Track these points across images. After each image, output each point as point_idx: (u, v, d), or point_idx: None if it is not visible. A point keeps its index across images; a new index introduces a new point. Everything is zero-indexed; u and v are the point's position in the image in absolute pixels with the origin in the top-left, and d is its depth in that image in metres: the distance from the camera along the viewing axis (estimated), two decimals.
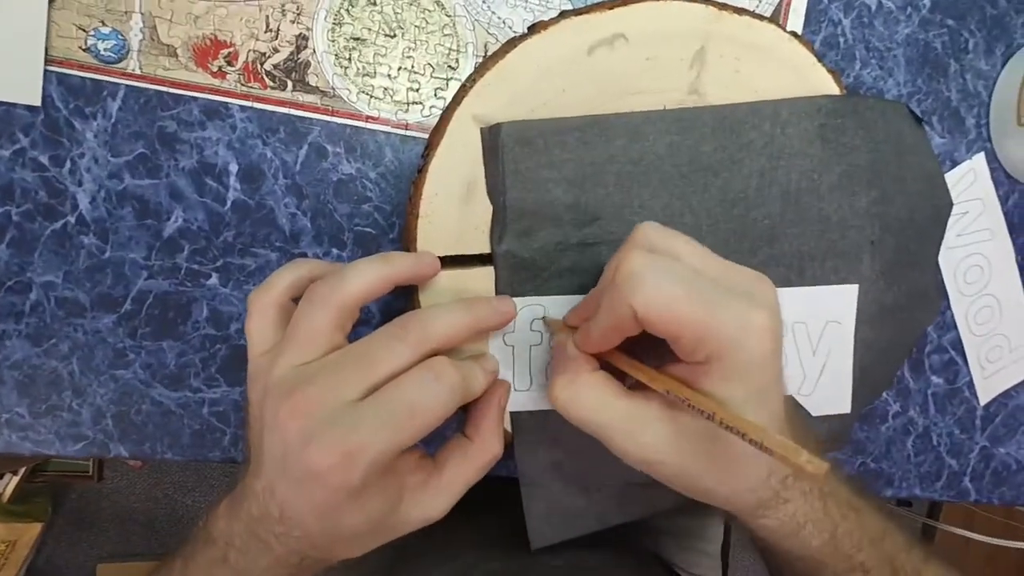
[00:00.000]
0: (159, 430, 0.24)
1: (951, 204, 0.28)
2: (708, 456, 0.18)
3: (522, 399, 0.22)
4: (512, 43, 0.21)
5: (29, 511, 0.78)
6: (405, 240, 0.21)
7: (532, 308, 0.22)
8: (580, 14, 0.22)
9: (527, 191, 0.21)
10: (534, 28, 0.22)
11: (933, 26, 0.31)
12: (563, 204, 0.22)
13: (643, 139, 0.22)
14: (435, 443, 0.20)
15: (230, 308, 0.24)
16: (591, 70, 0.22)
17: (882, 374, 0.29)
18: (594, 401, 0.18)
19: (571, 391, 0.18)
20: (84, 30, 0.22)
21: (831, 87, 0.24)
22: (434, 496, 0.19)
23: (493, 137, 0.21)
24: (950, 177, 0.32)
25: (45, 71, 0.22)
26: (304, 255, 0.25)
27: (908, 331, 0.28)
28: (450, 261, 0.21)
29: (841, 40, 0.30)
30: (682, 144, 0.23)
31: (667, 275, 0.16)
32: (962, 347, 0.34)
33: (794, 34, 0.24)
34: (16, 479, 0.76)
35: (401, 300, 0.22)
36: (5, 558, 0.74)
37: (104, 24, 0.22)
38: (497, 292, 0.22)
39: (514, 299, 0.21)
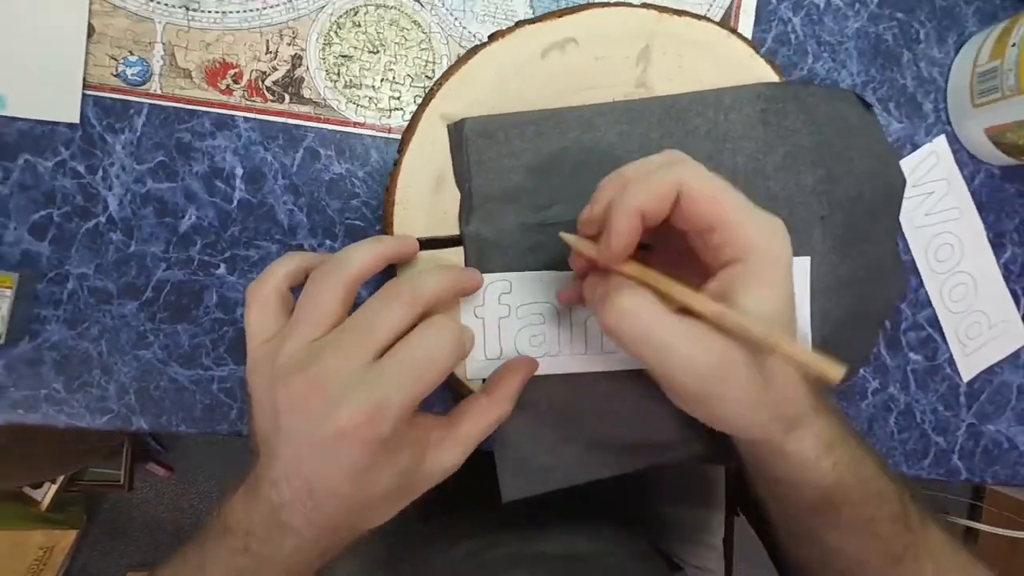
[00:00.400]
0: (174, 404, 0.27)
1: (904, 182, 0.29)
2: (754, 372, 0.18)
3: (492, 367, 0.25)
4: (474, 50, 0.24)
5: (66, 519, 0.82)
6: (384, 225, 0.24)
7: (499, 283, 0.24)
8: (534, 23, 0.24)
9: (490, 178, 0.24)
10: (493, 36, 0.25)
11: (883, 20, 0.33)
12: (523, 189, 0.24)
13: (595, 129, 0.25)
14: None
15: (236, 295, 0.27)
16: (545, 71, 0.24)
17: (852, 349, 0.30)
18: (655, 320, 0.18)
19: (631, 309, 0.18)
20: (115, 59, 0.26)
21: (771, 77, 0.26)
22: (452, 448, 0.21)
23: (458, 132, 0.24)
24: (911, 159, 0.34)
25: (83, 94, 0.26)
26: (301, 246, 0.28)
27: (871, 304, 0.29)
28: (424, 243, 0.24)
29: (792, 37, 0.32)
30: (632, 132, 0.25)
31: (709, 173, 0.18)
32: (939, 324, 0.34)
33: (732, 30, 0.26)
34: (54, 488, 0.81)
35: (386, 277, 0.25)
36: (43, 563, 0.78)
37: (132, 53, 0.26)
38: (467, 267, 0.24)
39: (482, 275, 0.24)
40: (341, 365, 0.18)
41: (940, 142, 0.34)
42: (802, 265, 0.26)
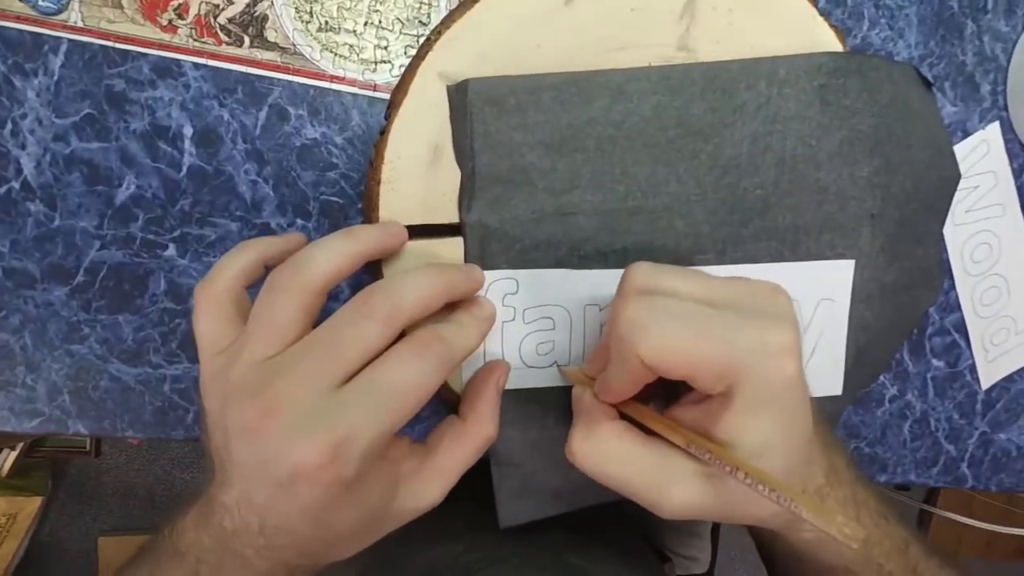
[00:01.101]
0: (119, 407, 0.23)
1: (959, 176, 0.26)
2: (737, 492, 0.16)
3: None
4: None
5: (28, 485, 0.79)
6: (366, 209, 0.20)
7: (503, 282, 0.21)
8: None
9: (498, 156, 0.20)
10: None
11: None
12: (537, 170, 0.20)
13: (626, 99, 0.20)
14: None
15: (189, 281, 0.23)
16: (570, 22, 0.20)
17: (879, 356, 0.28)
18: (615, 454, 0.17)
19: (590, 444, 0.17)
20: None
21: (833, 44, 0.22)
22: (429, 482, 0.18)
23: (460, 96, 0.19)
24: (961, 148, 0.30)
25: None
26: (267, 225, 0.23)
27: (908, 311, 0.27)
28: (417, 231, 0.20)
29: None
30: (669, 105, 0.21)
31: (669, 317, 0.16)
32: (965, 329, 0.32)
33: None
34: (14, 454, 0.77)
35: (369, 272, 0.21)
36: (7, 531, 0.75)
37: None
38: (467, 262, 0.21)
39: (485, 272, 0.20)
40: (299, 392, 0.16)
41: (993, 129, 0.30)
42: (845, 270, 0.23)
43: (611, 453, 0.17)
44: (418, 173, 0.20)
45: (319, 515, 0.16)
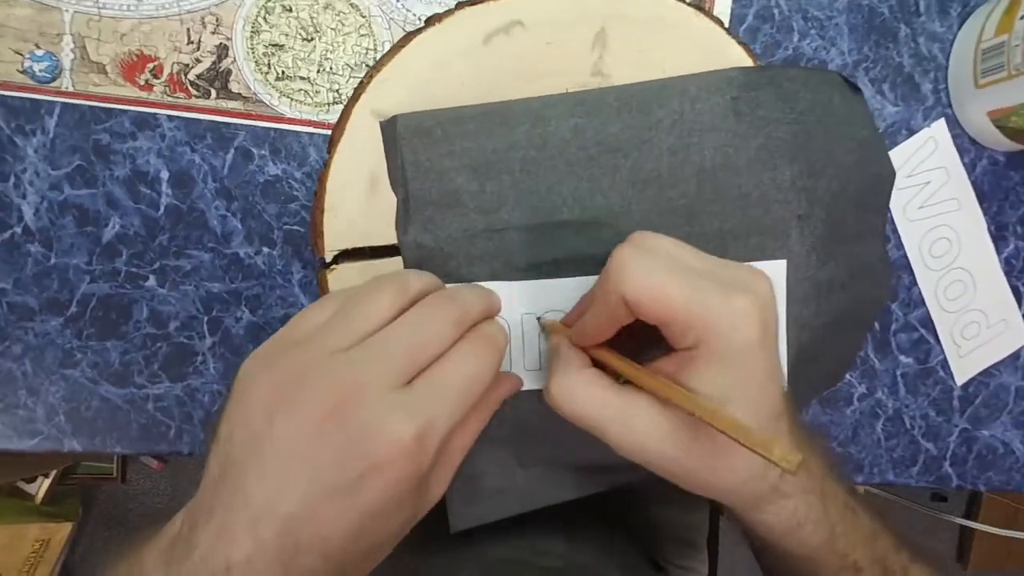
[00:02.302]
0: (108, 425, 0.26)
1: (893, 173, 0.27)
2: (702, 447, 0.17)
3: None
4: (408, 37, 0.22)
5: (60, 512, 0.83)
6: (313, 235, 0.22)
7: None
8: (475, 3, 0.22)
9: (429, 181, 0.22)
10: (430, 21, 0.22)
11: None
12: (467, 192, 0.22)
13: (546, 123, 0.22)
14: None
15: (168, 307, 0.26)
16: (489, 59, 0.22)
17: (832, 354, 0.28)
18: (588, 396, 0.18)
19: (565, 388, 0.18)
20: (20, 54, 0.24)
21: (745, 61, 0.23)
22: (446, 468, 0.19)
23: (391, 129, 0.22)
24: (907, 146, 0.31)
25: None
26: (236, 255, 0.26)
27: (854, 308, 0.27)
28: (359, 253, 0.22)
29: (776, 11, 0.29)
30: (587, 126, 0.22)
31: (654, 263, 0.17)
32: (933, 324, 0.32)
33: (700, 8, 0.23)
34: (48, 482, 0.81)
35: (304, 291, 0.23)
36: (40, 556, 0.79)
37: (38, 47, 0.24)
38: None
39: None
40: (381, 383, 0.16)
41: (939, 127, 0.31)
42: (777, 270, 0.24)
43: (584, 394, 0.18)
44: (357, 200, 0.22)
45: (370, 522, 0.16)
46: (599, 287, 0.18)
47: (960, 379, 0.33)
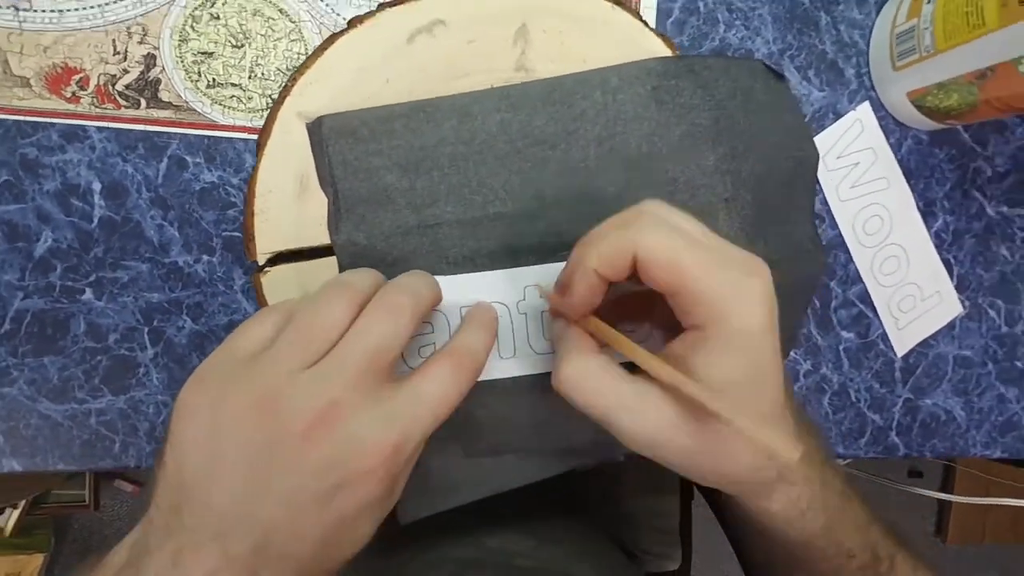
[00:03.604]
0: (49, 442, 0.25)
1: (817, 155, 0.28)
2: (709, 437, 0.17)
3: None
4: (331, 40, 0.22)
5: (31, 543, 0.81)
6: (245, 239, 0.22)
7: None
8: (397, 4, 0.22)
9: (358, 180, 0.22)
10: (352, 23, 0.22)
11: None
12: (397, 189, 0.22)
13: (472, 119, 0.23)
14: None
15: (106, 320, 0.25)
16: (413, 58, 0.22)
17: None
18: (599, 385, 0.18)
19: (576, 375, 0.18)
20: None
21: (662, 50, 0.24)
22: (410, 465, 0.19)
23: (317, 131, 0.22)
24: (834, 129, 0.32)
25: None
26: (175, 264, 0.26)
27: (790, 287, 0.28)
28: (292, 255, 0.22)
29: (701, 4, 0.30)
30: (513, 120, 0.23)
31: (673, 230, 0.17)
32: (871, 299, 0.33)
33: (618, 2, 0.24)
34: (17, 513, 0.79)
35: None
36: None
37: None
38: None
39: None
40: (354, 399, 0.16)
41: (864, 109, 0.32)
42: None
43: (594, 381, 0.17)
44: (287, 203, 0.22)
45: (341, 530, 0.16)
46: (611, 232, 0.17)
47: (900, 351, 0.34)
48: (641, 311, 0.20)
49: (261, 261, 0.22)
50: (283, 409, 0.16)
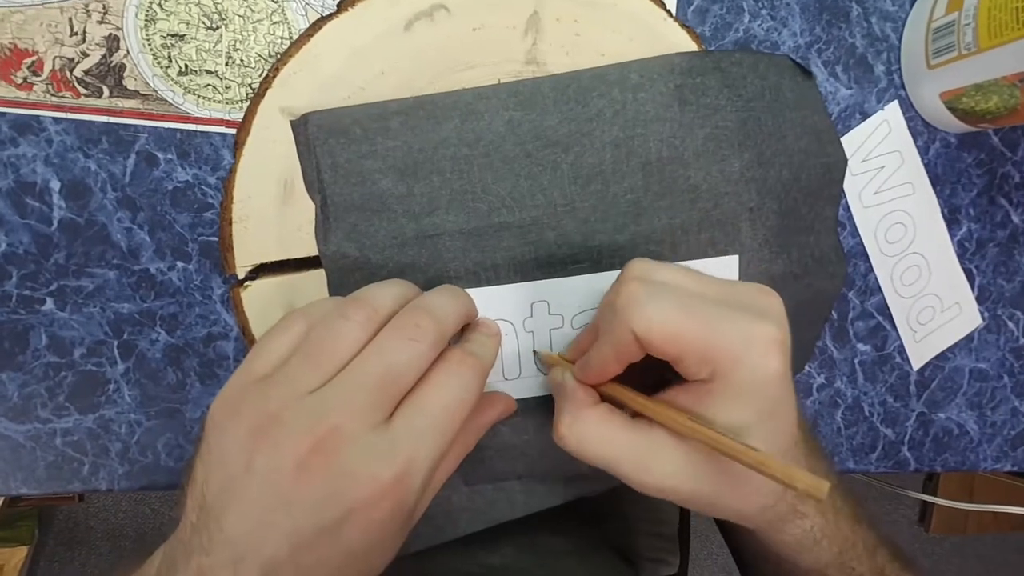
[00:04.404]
0: (9, 465, 0.23)
1: (845, 160, 0.26)
2: (721, 477, 0.17)
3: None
4: (318, 24, 0.20)
5: (14, 536, 0.79)
6: (222, 248, 0.20)
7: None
8: None
9: (350, 185, 0.20)
10: (342, 5, 0.20)
11: None
12: (394, 195, 0.20)
13: (478, 118, 0.20)
14: None
15: (71, 333, 0.23)
16: (411, 47, 0.20)
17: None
18: (601, 436, 0.17)
19: (577, 429, 0.18)
20: None
21: (687, 44, 0.22)
22: (428, 494, 0.18)
23: (302, 130, 0.19)
24: (861, 130, 0.30)
25: None
26: (147, 271, 0.23)
27: (811, 301, 0.26)
28: (278, 267, 0.20)
29: None
30: (523, 120, 0.21)
31: (665, 297, 0.16)
32: (889, 311, 0.32)
33: None
34: None
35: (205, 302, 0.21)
36: None
37: None
38: (331, 295, 0.20)
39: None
40: (356, 426, 0.15)
41: (893, 109, 0.30)
42: (730, 265, 0.23)
43: (597, 434, 0.17)
44: (270, 210, 0.20)
45: (352, 560, 0.16)
46: (606, 322, 0.17)
47: (916, 364, 0.32)
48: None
49: (241, 274, 0.20)
50: (281, 437, 0.15)
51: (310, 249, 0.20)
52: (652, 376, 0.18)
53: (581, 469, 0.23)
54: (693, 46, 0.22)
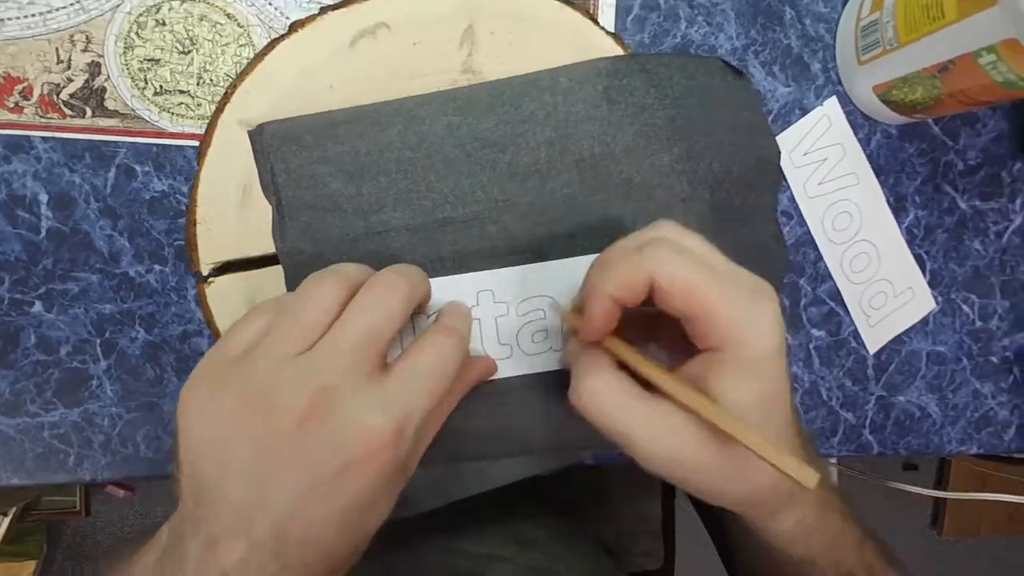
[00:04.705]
0: (0, 457, 0.25)
1: (778, 152, 0.27)
2: (724, 459, 0.17)
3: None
4: (271, 45, 0.22)
5: (23, 550, 0.81)
6: (188, 248, 0.22)
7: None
8: (338, 8, 0.22)
9: (302, 187, 0.22)
10: (293, 27, 0.22)
11: None
12: (343, 196, 0.22)
13: (419, 123, 0.22)
14: None
15: (57, 333, 0.25)
16: (356, 62, 0.22)
17: None
18: (616, 402, 0.18)
19: (594, 391, 0.18)
20: None
21: (614, 50, 0.24)
22: (419, 449, 0.19)
23: (258, 139, 0.21)
24: (801, 125, 0.32)
25: None
26: (126, 274, 0.25)
27: None
28: (239, 264, 0.22)
29: (662, 0, 0.29)
30: (461, 123, 0.23)
31: (690, 255, 0.17)
32: (841, 297, 0.33)
33: (567, 1, 0.24)
34: (8, 520, 0.79)
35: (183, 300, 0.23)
36: None
37: None
38: (288, 290, 0.22)
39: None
40: (350, 383, 0.16)
41: (832, 104, 0.32)
42: None
43: (614, 400, 0.17)
44: (230, 212, 0.22)
45: (357, 512, 0.16)
46: (606, 270, 0.17)
47: (872, 348, 0.33)
48: (647, 330, 0.20)
49: (205, 271, 0.22)
50: (275, 400, 0.16)
51: (269, 247, 0.22)
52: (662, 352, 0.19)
53: (533, 447, 0.25)
54: (619, 51, 0.24)
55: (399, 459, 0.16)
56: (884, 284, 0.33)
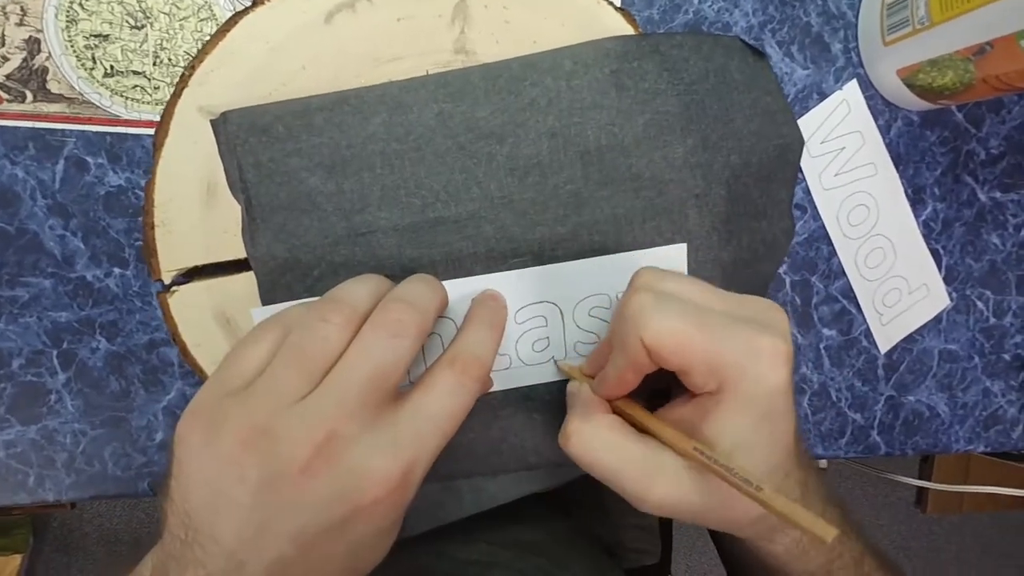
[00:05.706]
0: None
1: (801, 141, 0.25)
2: (720, 492, 0.17)
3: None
4: (234, 19, 0.19)
5: (9, 544, 0.79)
6: (146, 254, 0.20)
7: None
8: None
9: (275, 184, 0.19)
10: None
11: None
12: (322, 193, 0.20)
13: (406, 111, 0.20)
14: None
15: (7, 344, 0.23)
16: (333, 40, 0.19)
17: None
18: (606, 444, 0.17)
19: (584, 432, 0.18)
20: None
21: (623, 28, 0.21)
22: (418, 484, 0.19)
23: (222, 129, 0.19)
24: (819, 111, 0.29)
25: None
26: (83, 278, 0.23)
27: (757, 286, 0.26)
28: (206, 271, 0.20)
29: None
30: (454, 111, 0.20)
31: (673, 308, 0.17)
32: (854, 294, 0.31)
33: None
34: None
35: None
36: None
37: None
38: (262, 299, 0.20)
39: (280, 304, 0.20)
40: (355, 428, 0.15)
41: (852, 88, 0.29)
42: (678, 254, 0.23)
43: (603, 442, 0.17)
44: (193, 213, 0.19)
45: (356, 556, 0.16)
46: (617, 335, 0.18)
47: (884, 347, 0.32)
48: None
49: (167, 279, 0.19)
50: (279, 445, 0.15)
51: (238, 251, 0.20)
52: (663, 382, 0.18)
53: (531, 465, 0.23)
54: (629, 29, 0.21)
55: (406, 500, 0.16)
56: (899, 281, 0.32)
